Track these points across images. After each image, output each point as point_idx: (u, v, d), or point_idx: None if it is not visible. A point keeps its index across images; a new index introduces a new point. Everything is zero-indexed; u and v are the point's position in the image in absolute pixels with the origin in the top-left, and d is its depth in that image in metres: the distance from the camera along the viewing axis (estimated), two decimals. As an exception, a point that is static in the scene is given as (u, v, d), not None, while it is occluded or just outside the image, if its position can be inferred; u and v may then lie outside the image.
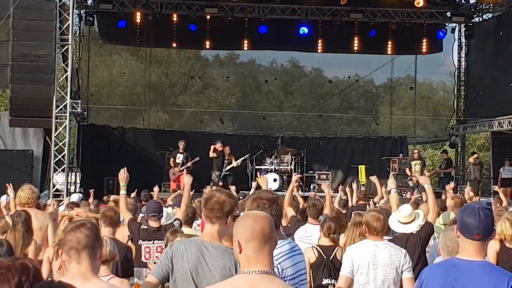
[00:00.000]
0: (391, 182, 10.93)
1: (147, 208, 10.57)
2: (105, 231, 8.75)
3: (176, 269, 5.67)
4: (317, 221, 11.05)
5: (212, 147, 27.06)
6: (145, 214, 10.54)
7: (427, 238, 9.55)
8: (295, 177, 13.16)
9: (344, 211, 14.01)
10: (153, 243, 9.83)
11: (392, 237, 9.52)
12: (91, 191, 19.90)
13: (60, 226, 6.16)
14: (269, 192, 6.14)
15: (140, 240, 9.89)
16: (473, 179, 28.14)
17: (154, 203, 10.77)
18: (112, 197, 17.68)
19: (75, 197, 19.51)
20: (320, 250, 9.49)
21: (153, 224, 10.08)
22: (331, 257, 9.42)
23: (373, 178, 15.80)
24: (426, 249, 9.59)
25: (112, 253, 6.87)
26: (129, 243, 9.74)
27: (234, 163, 27.30)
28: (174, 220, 10.09)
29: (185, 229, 9.65)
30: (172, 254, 5.70)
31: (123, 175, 10.00)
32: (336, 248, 9.51)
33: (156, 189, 18.16)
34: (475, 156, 29.67)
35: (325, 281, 9.31)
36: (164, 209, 11.75)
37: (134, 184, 14.86)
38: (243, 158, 27.31)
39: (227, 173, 27.36)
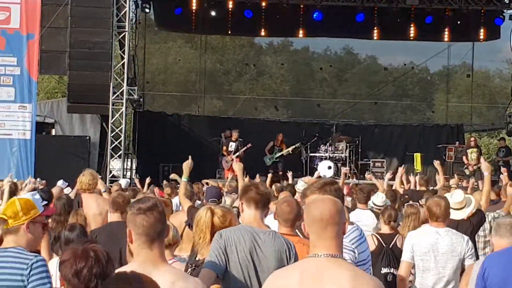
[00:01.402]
0: (485, 166, 10.62)
1: (206, 193, 10.59)
2: (113, 216, 8.83)
3: (231, 259, 5.58)
4: (366, 206, 10.97)
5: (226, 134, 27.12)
6: (204, 199, 10.56)
7: (479, 225, 9.46)
8: (344, 170, 13.11)
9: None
10: None
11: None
12: (148, 179, 19.99)
13: (202, 217, 6.05)
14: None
15: None
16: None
17: (213, 188, 10.76)
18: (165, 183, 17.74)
19: (123, 183, 19.66)
20: (380, 238, 9.39)
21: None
22: (391, 245, 9.31)
23: (436, 164, 15.61)
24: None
25: (175, 238, 6.92)
26: (187, 229, 9.78)
27: (285, 151, 27.29)
28: (233, 208, 10.12)
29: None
30: (225, 243, 5.60)
31: (189, 164, 9.92)
32: (396, 236, 9.42)
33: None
34: None
35: (384, 270, 9.17)
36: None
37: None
38: (294, 146, 27.26)
39: (276, 160, 27.38)
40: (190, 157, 9.93)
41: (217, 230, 5.84)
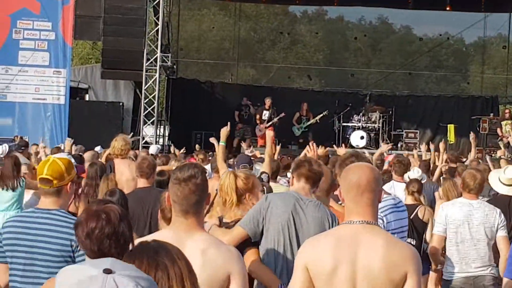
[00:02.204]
0: None
1: (237, 160, 10.63)
2: (140, 182, 8.88)
3: (272, 221, 5.65)
4: (402, 179, 10.77)
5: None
6: (236, 166, 10.58)
7: None
8: (386, 147, 13.00)
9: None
10: None
11: (491, 197, 9.36)
12: (182, 150, 19.95)
13: (226, 181, 6.12)
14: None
15: None
16: None
17: (244, 155, 10.81)
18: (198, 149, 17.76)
19: (153, 149, 19.73)
20: (402, 208, 9.36)
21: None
22: (412, 216, 9.29)
23: (472, 137, 15.48)
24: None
25: None
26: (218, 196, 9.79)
27: (312, 120, 27.22)
28: (261, 174, 10.14)
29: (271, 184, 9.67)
30: (268, 205, 5.69)
31: (226, 129, 9.92)
32: (418, 207, 9.39)
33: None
34: None
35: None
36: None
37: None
38: (321, 115, 27.15)
39: (306, 129, 27.33)
40: (228, 124, 9.95)
41: (241, 192, 5.90)
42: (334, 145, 19.91)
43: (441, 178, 11.89)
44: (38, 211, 5.26)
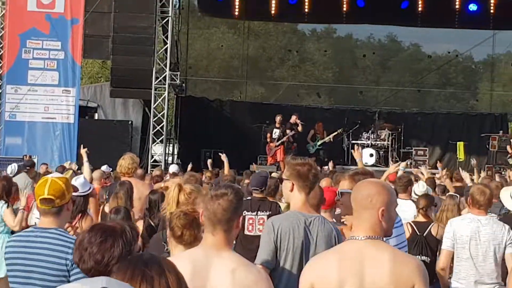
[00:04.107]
0: None
1: (251, 180, 10.56)
2: None
3: (283, 247, 5.66)
4: (406, 195, 10.71)
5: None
6: (249, 186, 10.51)
7: None
8: (393, 167, 13.06)
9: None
10: (257, 214, 9.82)
11: (503, 214, 9.32)
12: (190, 165, 20.03)
13: (170, 192, 6.21)
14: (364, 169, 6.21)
15: (244, 211, 9.62)
16: None
17: (259, 176, 10.64)
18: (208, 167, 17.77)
19: (173, 168, 19.76)
20: (414, 226, 9.34)
21: (256, 195, 10.08)
22: (425, 233, 9.28)
23: (474, 164, 15.46)
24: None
25: None
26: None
27: (326, 138, 27.18)
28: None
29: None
30: (276, 235, 5.68)
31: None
32: (431, 224, 9.37)
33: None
34: None
35: (415, 258, 9.15)
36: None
37: (231, 156, 14.97)
38: (335, 133, 27.11)
39: (320, 147, 27.28)
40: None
41: (182, 205, 5.93)
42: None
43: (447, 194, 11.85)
44: (37, 230, 5.32)
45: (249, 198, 9.94)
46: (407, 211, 10.06)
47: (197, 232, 5.41)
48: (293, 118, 26.30)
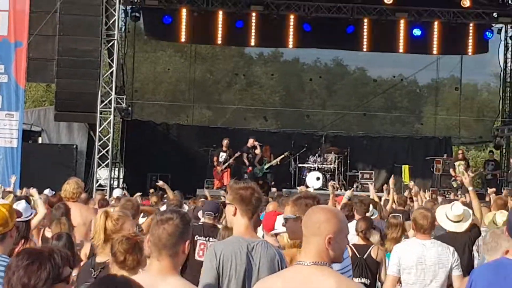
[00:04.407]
0: (468, 182, 10.74)
1: (204, 205, 10.53)
2: None
3: (225, 273, 5.61)
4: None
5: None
6: (202, 211, 10.45)
7: (475, 240, 9.43)
8: (331, 183, 13.11)
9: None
10: (208, 240, 9.76)
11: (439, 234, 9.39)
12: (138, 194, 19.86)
13: (97, 220, 6.19)
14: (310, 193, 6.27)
15: (196, 236, 9.59)
16: (513, 180, 28.00)
17: (212, 202, 10.67)
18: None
19: (117, 192, 19.60)
20: (354, 249, 9.39)
21: (208, 221, 10.02)
22: (365, 255, 9.35)
23: (412, 186, 15.58)
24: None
25: None
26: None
27: (274, 162, 27.19)
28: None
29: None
30: (219, 261, 5.62)
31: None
32: (371, 247, 9.44)
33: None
34: None
35: (356, 280, 9.16)
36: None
37: (178, 180, 14.89)
38: (282, 156, 27.14)
39: (267, 170, 27.30)
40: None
41: (110, 233, 5.94)
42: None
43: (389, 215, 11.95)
44: None
45: (201, 223, 9.92)
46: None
47: (140, 257, 5.37)
48: (251, 142, 26.42)
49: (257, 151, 26.31)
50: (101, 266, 6.05)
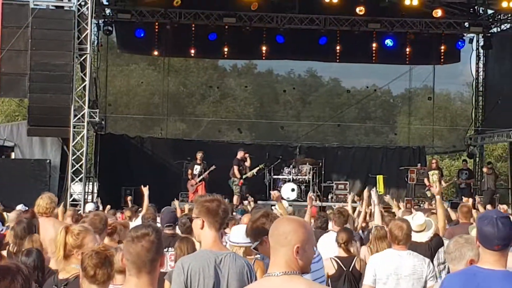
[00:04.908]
0: (436, 190, 10.81)
1: (162, 218, 10.48)
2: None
3: (194, 286, 5.59)
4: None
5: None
6: (160, 223, 10.44)
7: (437, 249, 9.47)
8: (310, 195, 13.10)
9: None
10: (167, 251, 9.75)
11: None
12: (108, 207, 19.82)
13: (58, 236, 6.16)
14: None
15: None
16: (486, 189, 28.12)
17: (169, 212, 10.59)
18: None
19: (90, 207, 19.51)
20: (339, 261, 9.38)
21: (168, 231, 10.01)
22: (351, 268, 9.32)
23: (387, 199, 15.63)
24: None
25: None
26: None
27: (249, 173, 27.18)
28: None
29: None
30: (186, 276, 5.60)
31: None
32: (355, 259, 9.41)
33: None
34: (489, 166, 29.60)
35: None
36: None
37: (152, 193, 14.82)
38: (257, 168, 27.12)
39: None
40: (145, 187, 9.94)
41: (70, 248, 5.93)
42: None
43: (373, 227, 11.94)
44: None
45: None
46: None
47: (110, 271, 5.33)
48: (241, 154, 26.44)
49: (247, 163, 26.37)
50: (63, 283, 6.00)
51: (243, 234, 6.57)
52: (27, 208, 13.77)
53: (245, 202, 22.76)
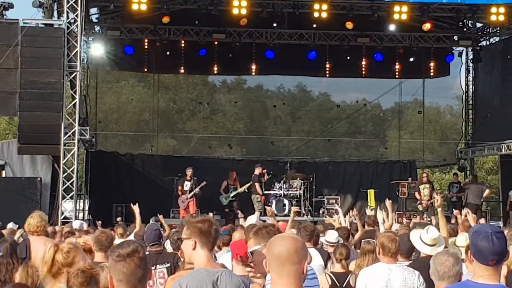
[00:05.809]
0: (438, 204, 10.84)
1: (146, 237, 10.42)
2: (97, 256, 8.70)
3: None
4: (310, 244, 10.67)
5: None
6: (146, 243, 10.36)
7: None
8: (294, 209, 13.11)
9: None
10: (155, 268, 9.72)
11: (413, 260, 9.39)
12: (99, 222, 19.80)
13: (46, 253, 6.11)
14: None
15: None
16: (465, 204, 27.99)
17: (152, 231, 10.48)
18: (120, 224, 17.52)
19: (76, 224, 19.40)
20: (333, 277, 9.33)
21: (154, 249, 9.98)
22: (345, 284, 9.27)
23: (388, 204, 15.59)
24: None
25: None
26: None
27: (241, 189, 27.18)
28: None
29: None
30: None
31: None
32: (350, 275, 9.37)
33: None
34: (466, 179, 29.80)
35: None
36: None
37: (143, 210, 14.77)
38: (248, 184, 27.11)
39: (233, 198, 27.29)
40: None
41: (60, 266, 5.87)
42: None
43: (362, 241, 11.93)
44: None
45: (146, 253, 9.79)
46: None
47: None
48: (259, 170, 26.49)
49: (265, 179, 26.52)
50: None
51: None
52: (17, 225, 13.75)
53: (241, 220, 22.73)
